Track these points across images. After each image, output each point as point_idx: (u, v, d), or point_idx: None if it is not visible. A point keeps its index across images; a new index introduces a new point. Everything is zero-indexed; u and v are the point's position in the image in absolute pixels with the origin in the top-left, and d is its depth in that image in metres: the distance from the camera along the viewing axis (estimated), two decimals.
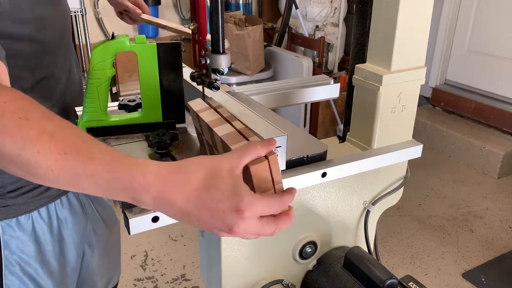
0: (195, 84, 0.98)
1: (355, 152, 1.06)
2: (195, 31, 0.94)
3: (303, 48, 3.70)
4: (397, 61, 0.98)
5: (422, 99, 4.21)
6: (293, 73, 3.41)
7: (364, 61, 1.05)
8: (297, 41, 3.67)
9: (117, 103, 1.09)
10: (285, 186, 0.69)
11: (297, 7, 3.53)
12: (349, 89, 1.11)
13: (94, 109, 0.95)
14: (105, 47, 0.92)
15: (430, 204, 3.18)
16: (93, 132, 0.97)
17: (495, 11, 3.69)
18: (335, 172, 0.92)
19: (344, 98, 1.17)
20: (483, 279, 2.49)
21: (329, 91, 1.33)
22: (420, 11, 0.97)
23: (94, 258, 1.31)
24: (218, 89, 0.92)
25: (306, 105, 3.50)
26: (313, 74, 3.39)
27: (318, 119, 3.68)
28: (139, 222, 0.74)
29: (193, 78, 0.97)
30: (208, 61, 0.91)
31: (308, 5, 3.62)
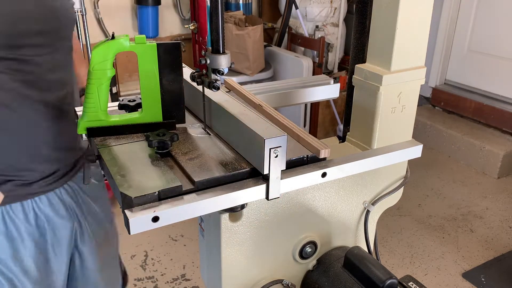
0: (195, 84, 0.98)
1: (355, 152, 1.06)
2: (195, 31, 0.93)
3: (303, 48, 3.70)
4: (397, 61, 0.98)
5: (422, 99, 4.21)
6: (293, 73, 3.41)
7: (364, 61, 1.05)
8: (297, 41, 3.67)
9: (117, 103, 1.09)
10: (285, 186, 0.68)
11: (297, 7, 3.53)
12: (349, 89, 1.11)
13: (94, 109, 0.95)
14: (105, 47, 0.92)
15: (430, 204, 3.18)
16: (93, 132, 0.97)
17: (495, 11, 3.69)
18: (335, 172, 0.92)
19: (344, 98, 1.17)
20: (483, 279, 2.49)
21: (329, 91, 1.33)
22: (420, 11, 0.97)
23: (89, 270, 1.30)
24: (218, 89, 0.92)
25: (306, 105, 3.50)
26: (313, 74, 3.39)
27: (318, 119, 3.69)
28: (139, 222, 0.74)
29: (193, 78, 0.97)
30: (208, 61, 0.91)
31: (308, 5, 3.62)
